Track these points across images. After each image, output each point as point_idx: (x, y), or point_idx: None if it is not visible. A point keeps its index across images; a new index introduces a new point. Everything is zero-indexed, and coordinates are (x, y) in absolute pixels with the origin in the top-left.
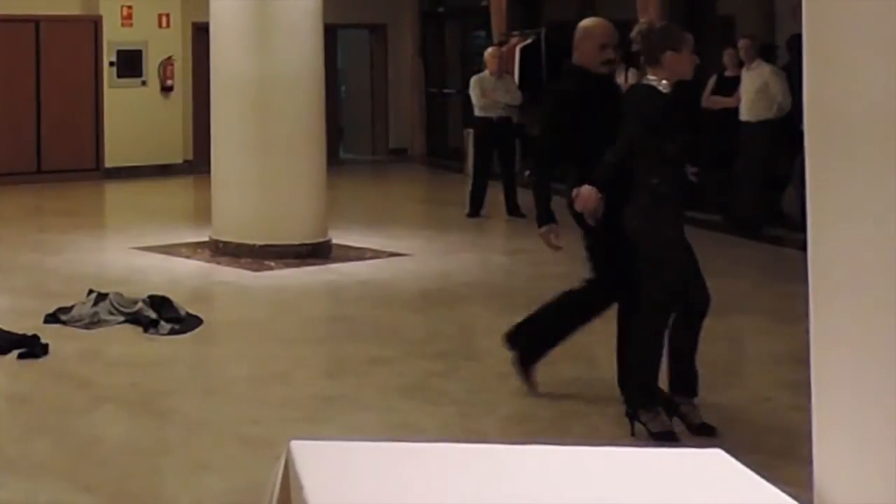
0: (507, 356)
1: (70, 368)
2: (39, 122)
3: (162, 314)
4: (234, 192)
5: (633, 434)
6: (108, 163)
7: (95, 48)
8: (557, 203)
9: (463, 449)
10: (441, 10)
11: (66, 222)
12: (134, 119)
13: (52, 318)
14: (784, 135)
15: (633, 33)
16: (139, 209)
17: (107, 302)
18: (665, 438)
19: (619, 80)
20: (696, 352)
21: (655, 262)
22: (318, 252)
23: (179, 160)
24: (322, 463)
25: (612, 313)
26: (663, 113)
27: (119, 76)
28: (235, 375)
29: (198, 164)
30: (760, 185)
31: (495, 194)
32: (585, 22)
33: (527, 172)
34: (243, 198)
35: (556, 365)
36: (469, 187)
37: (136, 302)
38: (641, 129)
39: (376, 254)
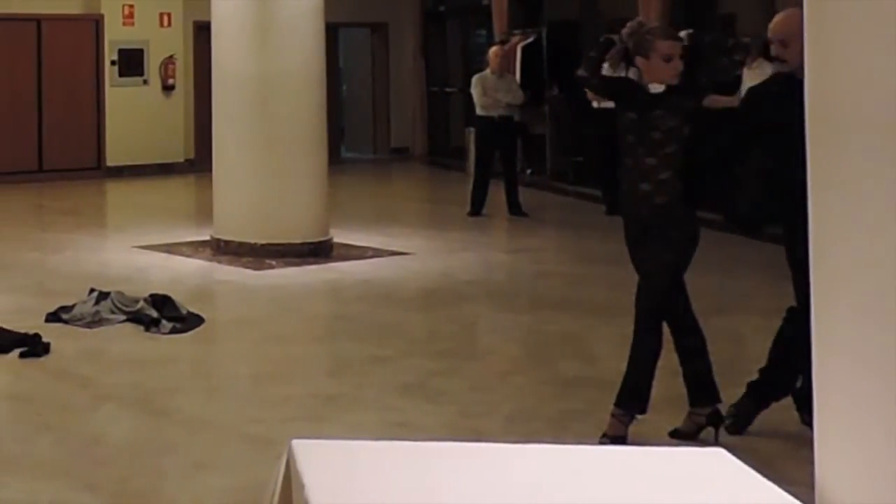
0: (508, 355)
1: (71, 367)
2: (41, 121)
3: (163, 313)
4: (235, 190)
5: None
6: (110, 162)
7: (97, 47)
8: None
9: (464, 448)
10: (442, 8)
11: (68, 221)
12: (135, 118)
13: (53, 317)
14: None
15: (623, 32)
16: (141, 208)
17: (108, 301)
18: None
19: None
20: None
21: None
22: (319, 251)
23: (181, 159)
24: (323, 462)
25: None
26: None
27: (120, 75)
28: (236, 374)
29: (199, 162)
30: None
31: (497, 193)
32: None
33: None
34: (245, 197)
35: (557, 363)
36: (470, 186)
37: (137, 301)
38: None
39: (377, 252)
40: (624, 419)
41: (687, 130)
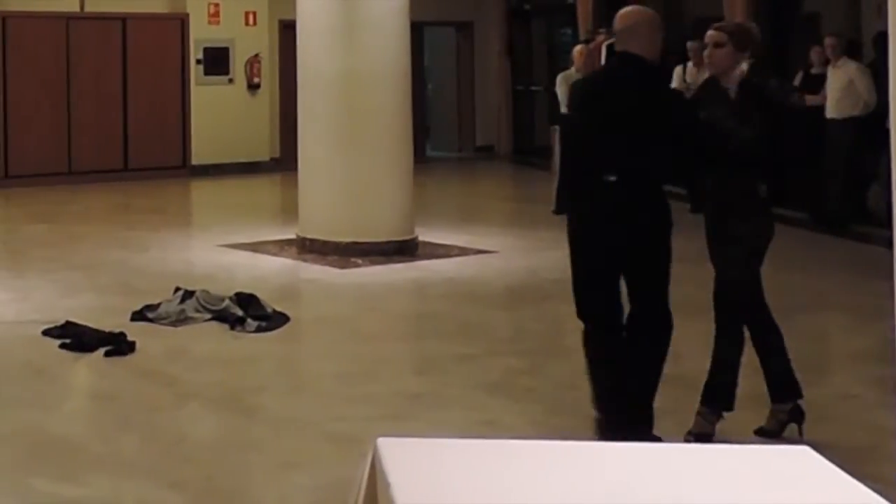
0: None
1: (157, 366)
2: (126, 119)
3: (249, 312)
4: (320, 189)
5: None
6: (195, 160)
7: (182, 46)
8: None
9: (550, 446)
10: (527, 7)
11: (153, 220)
12: (220, 117)
13: (138, 316)
14: (869, 132)
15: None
16: (226, 207)
17: (193, 299)
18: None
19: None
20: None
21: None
22: (404, 249)
23: (266, 158)
24: (409, 460)
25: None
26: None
27: (206, 74)
28: (322, 372)
29: (285, 161)
30: (846, 182)
31: None
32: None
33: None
34: (330, 195)
35: None
36: (555, 184)
37: (222, 299)
38: None
39: (463, 251)
40: (710, 417)
41: (748, 131)
